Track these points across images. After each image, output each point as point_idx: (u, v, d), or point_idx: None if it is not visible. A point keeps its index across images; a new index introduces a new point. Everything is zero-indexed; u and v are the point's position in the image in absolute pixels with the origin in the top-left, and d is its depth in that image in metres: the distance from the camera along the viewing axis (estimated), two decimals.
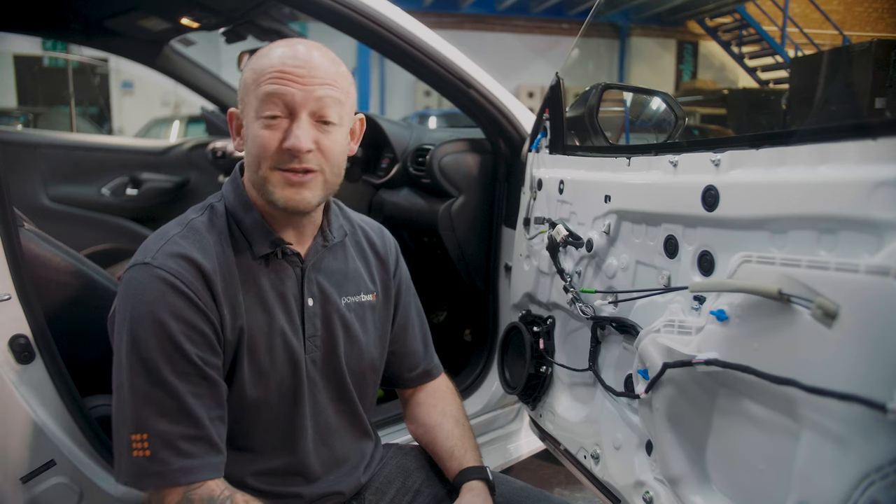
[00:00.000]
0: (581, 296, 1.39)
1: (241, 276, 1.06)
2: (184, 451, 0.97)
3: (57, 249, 1.44)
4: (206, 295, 1.02)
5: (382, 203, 2.32)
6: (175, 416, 0.97)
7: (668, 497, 1.13)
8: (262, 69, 1.02)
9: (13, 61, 11.44)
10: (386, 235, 1.31)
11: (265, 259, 1.09)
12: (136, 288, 1.00)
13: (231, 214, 1.09)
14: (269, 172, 1.02)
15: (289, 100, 1.00)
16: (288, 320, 1.10)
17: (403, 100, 13.62)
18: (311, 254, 1.13)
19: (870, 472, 0.74)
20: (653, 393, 1.09)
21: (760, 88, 11.68)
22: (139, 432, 0.96)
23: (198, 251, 1.03)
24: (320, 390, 1.16)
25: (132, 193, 3.31)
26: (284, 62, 1.01)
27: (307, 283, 1.12)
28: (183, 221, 1.09)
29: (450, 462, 1.24)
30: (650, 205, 1.20)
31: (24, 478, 1.24)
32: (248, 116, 1.04)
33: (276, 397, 1.10)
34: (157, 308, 0.98)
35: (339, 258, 1.19)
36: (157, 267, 1.00)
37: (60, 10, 2.46)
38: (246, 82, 1.04)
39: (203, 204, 1.13)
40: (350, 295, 1.19)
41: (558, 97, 1.61)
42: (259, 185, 1.05)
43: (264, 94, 1.00)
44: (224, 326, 1.03)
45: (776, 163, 0.92)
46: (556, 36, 13.57)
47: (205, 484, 0.98)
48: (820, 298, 0.78)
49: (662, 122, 1.62)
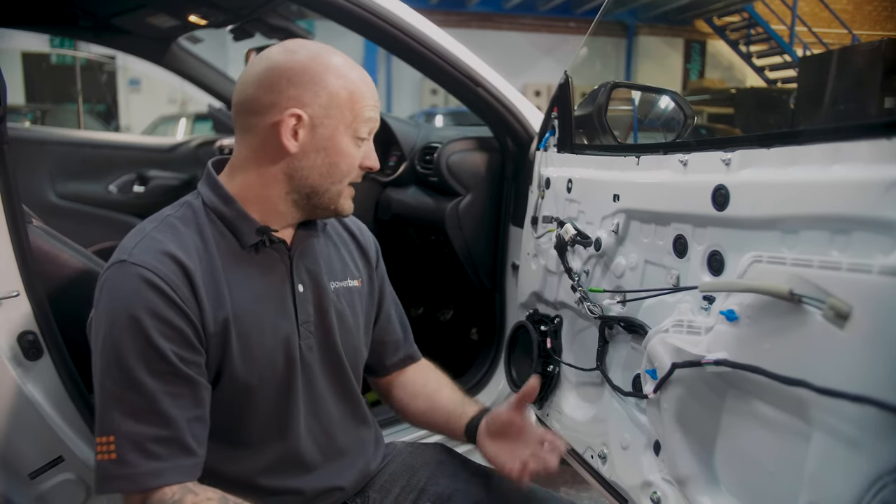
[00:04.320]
0: (589, 295, 1.39)
1: (226, 267, 1.06)
2: (152, 453, 0.94)
3: (65, 246, 1.44)
4: (186, 289, 1.00)
5: (390, 201, 2.32)
6: (145, 416, 0.95)
7: (676, 497, 1.12)
8: (360, 92, 1.08)
9: (21, 58, 11.48)
10: (364, 227, 1.34)
11: (254, 248, 1.09)
12: (111, 287, 0.99)
13: (211, 209, 1.09)
14: (347, 186, 1.12)
15: (374, 128, 1.12)
16: (280, 307, 1.10)
17: (410, 98, 13.61)
18: (296, 241, 1.14)
19: (882, 474, 0.73)
20: (661, 393, 1.09)
21: (768, 88, 11.64)
22: (105, 434, 0.94)
23: (175, 244, 1.02)
24: (318, 377, 1.15)
25: (139, 191, 3.31)
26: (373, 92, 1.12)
27: (296, 269, 1.13)
28: (159, 217, 1.08)
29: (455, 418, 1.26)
30: (659, 204, 1.19)
31: (32, 474, 1.25)
32: (338, 129, 1.07)
33: (271, 384, 1.09)
34: (132, 305, 0.96)
35: (323, 245, 1.21)
36: (134, 263, 0.98)
37: (69, 8, 2.47)
38: (337, 96, 1.05)
39: (178, 202, 1.13)
40: (338, 280, 1.20)
41: (567, 96, 1.61)
42: (332, 195, 1.10)
43: (367, 118, 1.09)
44: (205, 321, 1.02)
45: (788, 162, 0.91)
46: (563, 34, 13.54)
47: (160, 490, 0.95)
48: (832, 299, 0.78)
49: (671, 120, 1.61)
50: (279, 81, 1.04)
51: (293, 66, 1.04)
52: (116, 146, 3.51)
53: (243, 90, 1.07)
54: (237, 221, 1.08)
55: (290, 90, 1.04)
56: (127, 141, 3.84)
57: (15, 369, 1.22)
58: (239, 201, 1.08)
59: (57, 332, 1.27)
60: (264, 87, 1.05)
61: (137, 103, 12.41)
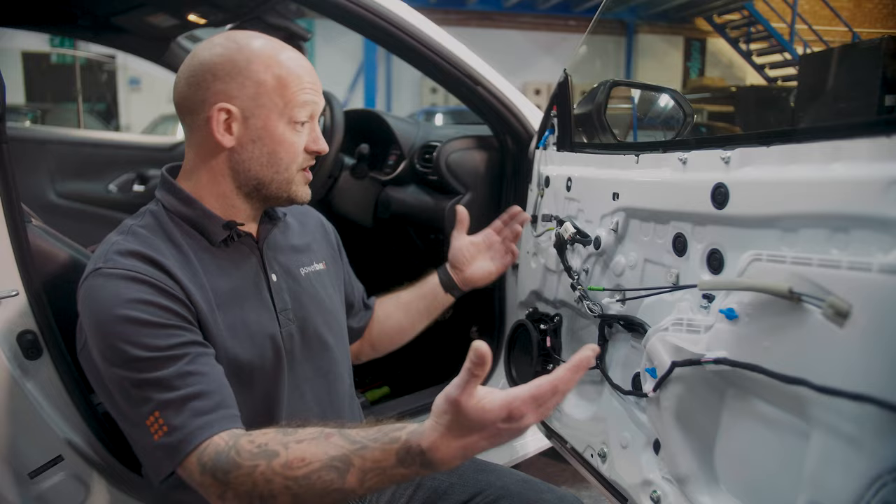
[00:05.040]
0: (588, 293, 1.39)
1: (201, 262, 1.06)
2: (197, 410, 0.94)
3: (64, 245, 1.44)
4: (167, 279, 1.00)
5: (389, 200, 2.31)
6: (178, 382, 0.94)
7: (675, 496, 1.12)
8: (291, 75, 1.06)
9: (21, 58, 11.47)
10: (312, 210, 1.38)
11: (223, 244, 1.10)
12: (91, 296, 0.99)
13: (175, 213, 1.09)
14: (295, 173, 1.10)
15: (315, 109, 1.10)
16: (258, 299, 1.11)
17: (410, 96, 13.61)
18: (262, 233, 1.16)
19: (882, 473, 0.73)
20: (661, 391, 1.09)
21: (768, 86, 11.62)
22: (151, 413, 0.94)
23: (146, 247, 1.02)
24: (300, 363, 1.15)
25: (139, 190, 3.31)
26: (308, 72, 1.08)
27: (267, 260, 1.15)
28: (123, 228, 1.08)
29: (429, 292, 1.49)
30: (659, 202, 1.19)
31: (31, 473, 1.25)
32: (270, 118, 1.06)
33: (259, 372, 1.09)
34: (117, 303, 0.96)
35: (286, 234, 1.23)
36: (110, 269, 0.98)
37: (68, 7, 2.46)
38: (264, 84, 1.04)
39: (138, 212, 1.13)
40: (306, 266, 1.23)
41: (566, 94, 1.60)
42: (280, 184, 1.09)
43: (302, 102, 1.07)
44: (193, 300, 1.01)
45: (787, 160, 0.91)
46: (563, 33, 13.54)
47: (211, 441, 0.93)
48: (831, 297, 0.78)
49: (671, 119, 1.61)
50: (205, 77, 1.04)
51: (216, 60, 1.04)
52: (116, 145, 3.51)
53: (176, 90, 1.07)
54: (202, 220, 1.08)
55: (215, 84, 1.04)
56: (127, 140, 3.85)
57: (14, 369, 1.22)
58: (199, 200, 1.09)
59: (56, 332, 1.27)
60: (192, 84, 1.05)
61: (137, 102, 12.41)
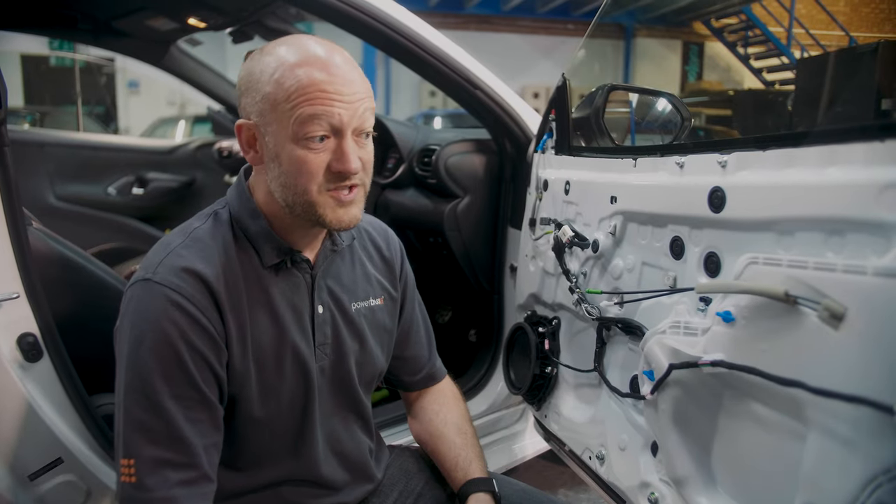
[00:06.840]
0: (587, 296, 1.39)
1: (248, 287, 1.02)
2: (170, 480, 0.93)
3: (64, 248, 1.44)
4: (212, 310, 0.97)
5: (388, 203, 2.32)
6: (166, 442, 0.94)
7: (673, 498, 1.13)
8: (297, 86, 0.93)
9: (20, 61, 11.47)
10: (391, 237, 1.28)
11: (274, 268, 1.05)
12: (136, 305, 0.97)
13: (237, 222, 1.04)
14: (318, 196, 0.97)
15: (336, 122, 0.94)
16: (299, 329, 1.07)
17: (409, 100, 13.61)
18: (320, 259, 1.10)
19: (877, 474, 0.74)
20: (658, 394, 1.09)
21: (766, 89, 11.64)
22: (127, 457, 0.93)
23: (201, 261, 0.99)
24: (326, 398, 1.13)
25: (138, 193, 3.32)
26: (324, 79, 0.94)
27: (317, 289, 1.09)
28: (186, 230, 1.04)
29: (454, 472, 1.23)
30: (656, 206, 1.20)
31: (31, 475, 1.25)
32: (279, 135, 0.95)
33: (287, 412, 1.07)
34: (158, 328, 0.94)
35: (348, 263, 1.16)
36: (159, 283, 0.95)
37: (68, 10, 2.47)
38: (272, 97, 0.94)
39: (206, 212, 1.08)
40: (360, 300, 1.16)
41: (564, 98, 1.61)
42: (305, 208, 0.98)
43: (307, 116, 0.93)
44: (230, 342, 0.99)
45: (783, 164, 0.92)
46: (562, 36, 13.55)
47: None
48: (827, 300, 0.78)
49: (668, 123, 1.62)
50: (237, 90, 1.01)
51: (243, 72, 1.00)
52: (115, 148, 3.52)
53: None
54: (260, 239, 1.04)
55: (241, 99, 1.00)
56: (126, 143, 3.85)
57: (15, 371, 1.23)
58: (265, 215, 1.04)
59: (57, 334, 1.28)
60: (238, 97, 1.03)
61: (136, 105, 12.41)
